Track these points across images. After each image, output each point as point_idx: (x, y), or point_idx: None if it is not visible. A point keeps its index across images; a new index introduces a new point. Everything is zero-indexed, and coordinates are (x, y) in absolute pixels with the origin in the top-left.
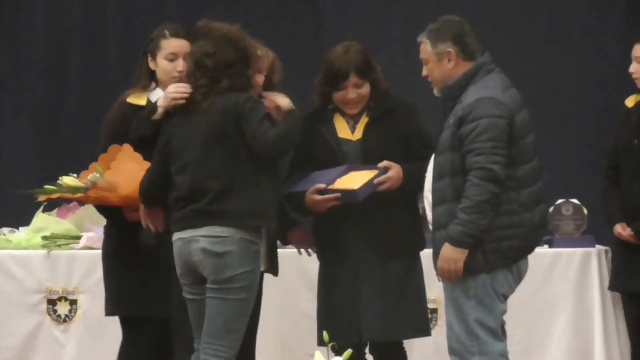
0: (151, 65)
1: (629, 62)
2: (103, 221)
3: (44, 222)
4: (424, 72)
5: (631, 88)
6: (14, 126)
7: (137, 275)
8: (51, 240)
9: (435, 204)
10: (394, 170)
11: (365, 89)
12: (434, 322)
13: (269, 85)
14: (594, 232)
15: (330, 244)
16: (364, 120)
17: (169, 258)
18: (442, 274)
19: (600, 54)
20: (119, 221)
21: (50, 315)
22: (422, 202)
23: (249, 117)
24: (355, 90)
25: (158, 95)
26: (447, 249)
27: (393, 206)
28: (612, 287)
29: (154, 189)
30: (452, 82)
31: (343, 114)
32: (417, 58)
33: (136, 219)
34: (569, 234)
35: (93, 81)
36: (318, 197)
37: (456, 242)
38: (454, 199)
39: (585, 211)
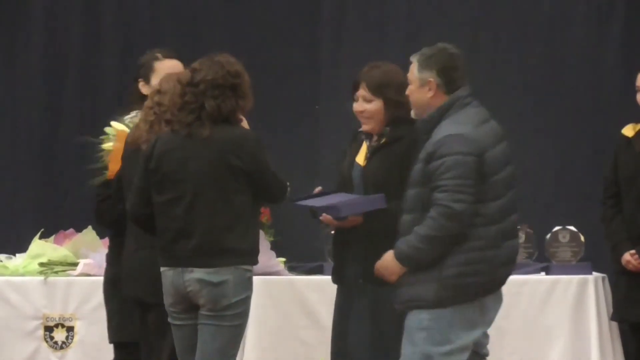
0: (143, 90)
1: (626, 89)
2: (100, 248)
3: (40, 248)
4: (407, 91)
5: (628, 116)
6: (10, 153)
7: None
8: (48, 267)
9: (402, 236)
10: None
11: (374, 105)
12: None
13: None
14: (590, 259)
15: (334, 265)
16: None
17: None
18: (377, 274)
19: (598, 81)
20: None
21: (47, 341)
22: None
23: (264, 160)
24: (363, 104)
25: None
26: (390, 258)
27: (389, 234)
28: (616, 317)
29: (143, 213)
30: (427, 116)
31: (368, 139)
32: None
33: None
34: (566, 261)
35: (89, 107)
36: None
37: (397, 258)
38: None
39: (582, 238)
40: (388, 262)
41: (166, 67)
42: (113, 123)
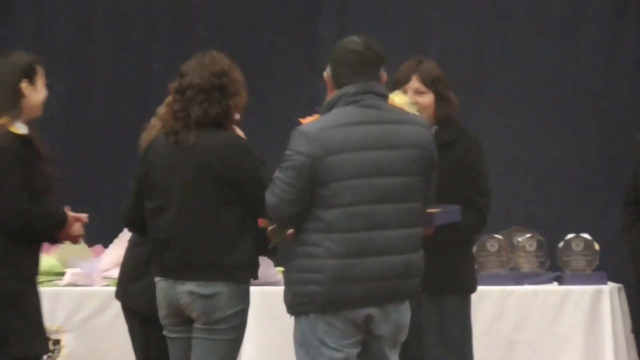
0: (27, 91)
1: None
2: (89, 256)
3: None
4: None
5: None
6: None
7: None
8: None
9: None
10: None
11: (428, 98)
12: None
13: None
14: (606, 268)
15: None
16: None
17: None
18: None
19: (612, 82)
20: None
21: None
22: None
23: (252, 170)
24: (415, 97)
25: (21, 127)
26: None
27: (454, 245)
28: (637, 328)
29: (135, 216)
30: (320, 109)
31: None
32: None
33: None
34: (580, 270)
35: (79, 111)
36: None
37: None
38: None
39: (597, 247)
40: None
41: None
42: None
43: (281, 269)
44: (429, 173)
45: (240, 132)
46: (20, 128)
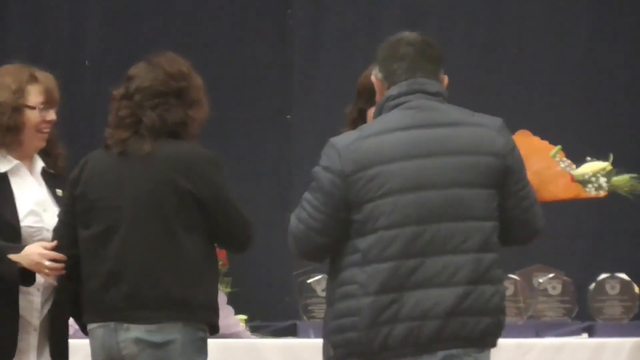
0: None
1: None
2: None
3: None
4: None
5: None
6: None
7: None
8: None
9: None
10: None
11: None
12: None
13: None
14: None
15: None
16: None
17: None
18: None
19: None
20: None
21: None
22: None
23: (223, 188)
24: None
25: None
26: None
27: None
28: None
29: (67, 255)
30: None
31: None
32: None
33: None
34: (615, 318)
35: None
36: None
37: None
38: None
39: (637, 289)
40: None
41: None
42: None
43: (243, 317)
44: (500, 184)
45: None
46: None
